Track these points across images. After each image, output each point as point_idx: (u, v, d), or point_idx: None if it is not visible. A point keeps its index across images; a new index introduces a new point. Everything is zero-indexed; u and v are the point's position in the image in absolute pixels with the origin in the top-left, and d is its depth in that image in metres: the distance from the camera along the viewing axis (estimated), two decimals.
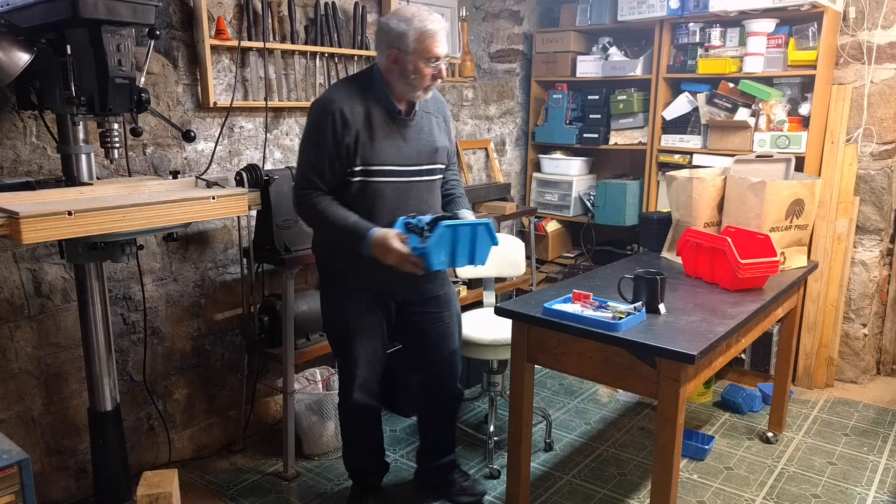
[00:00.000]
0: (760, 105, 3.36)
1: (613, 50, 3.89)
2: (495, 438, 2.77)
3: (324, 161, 2.03)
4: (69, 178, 2.02)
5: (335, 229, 2.05)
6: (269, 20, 2.79)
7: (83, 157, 2.02)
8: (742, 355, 3.45)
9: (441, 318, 2.31)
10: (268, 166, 2.86)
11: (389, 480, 2.66)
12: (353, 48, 3.11)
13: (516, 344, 2.21)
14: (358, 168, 2.04)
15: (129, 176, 2.39)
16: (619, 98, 3.82)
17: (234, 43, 2.67)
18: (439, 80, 2.08)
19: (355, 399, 2.27)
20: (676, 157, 3.65)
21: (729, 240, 2.39)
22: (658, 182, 3.74)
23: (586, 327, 1.97)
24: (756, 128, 3.38)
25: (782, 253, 2.62)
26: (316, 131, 2.03)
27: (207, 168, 2.67)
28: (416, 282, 2.17)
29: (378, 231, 2.00)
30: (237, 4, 2.73)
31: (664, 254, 2.93)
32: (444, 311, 2.32)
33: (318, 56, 3.00)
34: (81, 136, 1.99)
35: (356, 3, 3.11)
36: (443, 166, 2.23)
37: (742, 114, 3.39)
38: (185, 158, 2.64)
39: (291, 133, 3.01)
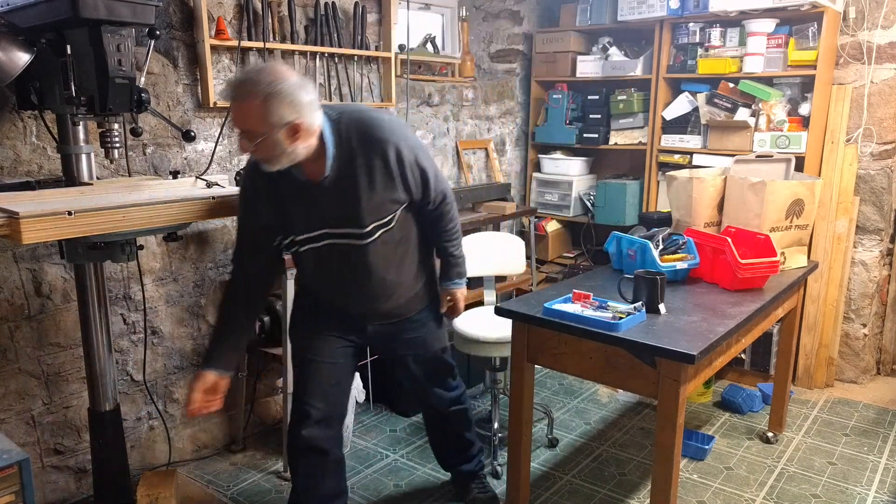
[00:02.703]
0: (760, 105, 3.36)
1: (613, 50, 3.89)
2: (499, 436, 2.77)
3: (241, 229, 1.98)
4: (69, 178, 2.02)
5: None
6: (269, 20, 2.79)
7: (83, 157, 2.02)
8: (742, 355, 3.44)
9: (422, 344, 2.18)
10: None
11: (390, 480, 2.66)
12: (353, 48, 3.11)
13: (516, 344, 2.21)
14: (286, 240, 1.95)
15: (129, 176, 2.40)
16: (619, 98, 3.82)
17: (234, 43, 2.67)
18: (249, 153, 1.78)
19: (305, 431, 2.06)
20: (676, 157, 3.65)
21: (729, 240, 2.39)
22: (658, 182, 3.74)
23: (586, 327, 1.97)
24: (756, 128, 3.38)
25: (782, 253, 2.62)
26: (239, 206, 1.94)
27: (207, 168, 2.67)
28: (388, 312, 2.07)
29: (205, 369, 1.92)
30: (237, 4, 2.73)
31: None
32: (417, 332, 2.16)
33: (318, 56, 3.00)
34: (81, 136, 1.99)
35: (356, 3, 3.11)
36: (382, 221, 1.91)
37: (742, 114, 3.39)
38: (185, 158, 2.64)
39: None
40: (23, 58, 1.82)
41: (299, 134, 1.70)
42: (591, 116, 3.99)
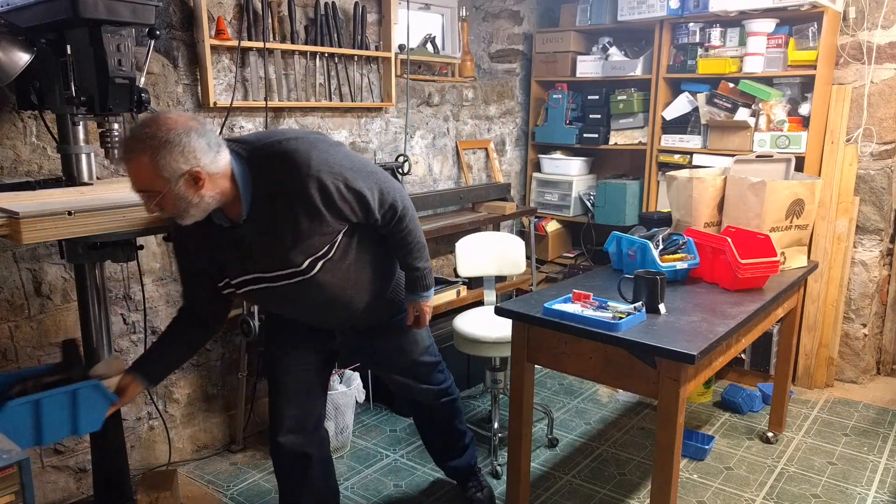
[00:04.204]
0: (760, 105, 3.36)
1: (613, 50, 3.89)
2: (499, 436, 2.77)
3: (181, 271, 1.93)
4: (69, 178, 2.02)
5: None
6: (269, 20, 2.79)
7: (83, 157, 2.02)
8: (742, 355, 3.45)
9: (393, 348, 2.15)
10: None
11: (390, 480, 2.66)
12: (353, 48, 3.11)
13: (516, 344, 2.21)
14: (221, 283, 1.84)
15: None
16: (619, 98, 3.82)
17: (234, 43, 2.67)
18: (155, 212, 1.62)
19: (283, 437, 2.04)
20: (676, 157, 3.65)
21: (729, 240, 2.39)
22: (658, 182, 3.74)
23: (586, 327, 1.97)
24: (756, 128, 3.38)
25: (782, 253, 2.62)
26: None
27: None
28: (357, 324, 2.02)
29: (129, 371, 1.83)
30: (237, 4, 2.73)
31: None
32: (394, 338, 2.12)
33: (318, 56, 3.00)
34: (81, 136, 1.99)
35: (356, 3, 3.11)
36: (318, 255, 1.76)
37: (742, 114, 3.39)
38: None
39: None
40: (23, 58, 1.82)
41: (201, 181, 1.56)
42: (591, 116, 4.00)
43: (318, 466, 2.12)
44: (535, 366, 2.24)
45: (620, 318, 1.97)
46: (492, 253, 3.05)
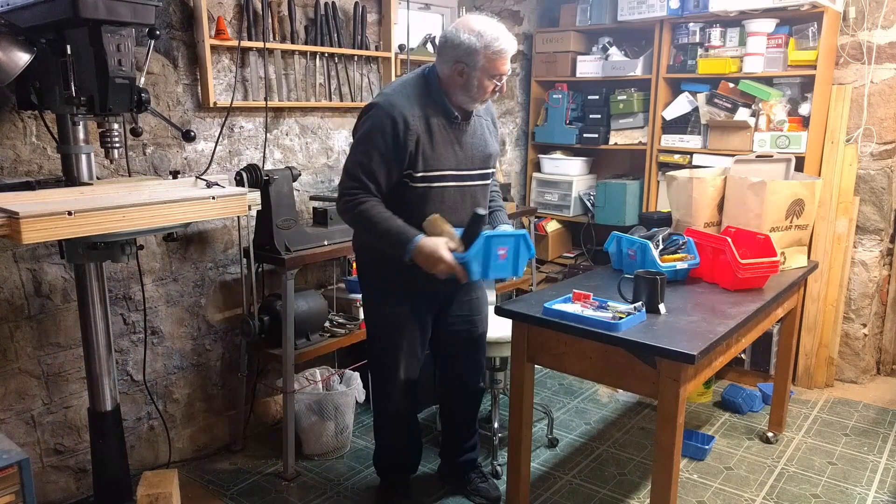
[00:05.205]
0: (760, 105, 3.36)
1: (613, 50, 3.89)
2: (499, 435, 2.77)
3: (380, 165, 2.00)
4: (69, 178, 2.02)
5: (378, 232, 2.01)
6: (269, 20, 2.79)
7: (83, 157, 2.02)
8: (742, 355, 3.45)
9: (472, 321, 2.36)
10: (268, 166, 2.86)
11: None
12: (353, 48, 3.11)
13: (516, 344, 2.21)
14: (419, 174, 2.03)
15: (129, 176, 2.39)
16: (619, 98, 3.82)
17: (234, 43, 2.67)
18: (497, 94, 2.08)
19: (396, 400, 2.30)
20: (676, 157, 3.65)
21: (729, 240, 2.39)
22: (658, 182, 3.74)
23: (586, 327, 1.97)
24: (756, 128, 3.38)
25: (782, 253, 2.62)
26: (375, 135, 1.99)
27: (207, 168, 2.67)
28: (456, 285, 2.17)
29: (423, 238, 1.98)
30: (237, 4, 2.73)
31: None
32: (476, 314, 2.37)
33: (318, 56, 3.00)
34: (81, 136, 1.99)
35: (356, 3, 3.11)
36: (493, 171, 2.24)
37: (742, 114, 3.39)
38: (185, 158, 2.64)
39: (291, 133, 3.01)
40: (23, 58, 1.82)
41: None
42: (591, 116, 3.99)
43: (415, 416, 2.52)
44: (535, 366, 2.24)
45: (620, 318, 1.97)
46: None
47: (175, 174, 2.32)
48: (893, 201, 3.44)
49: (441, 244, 1.96)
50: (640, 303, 2.08)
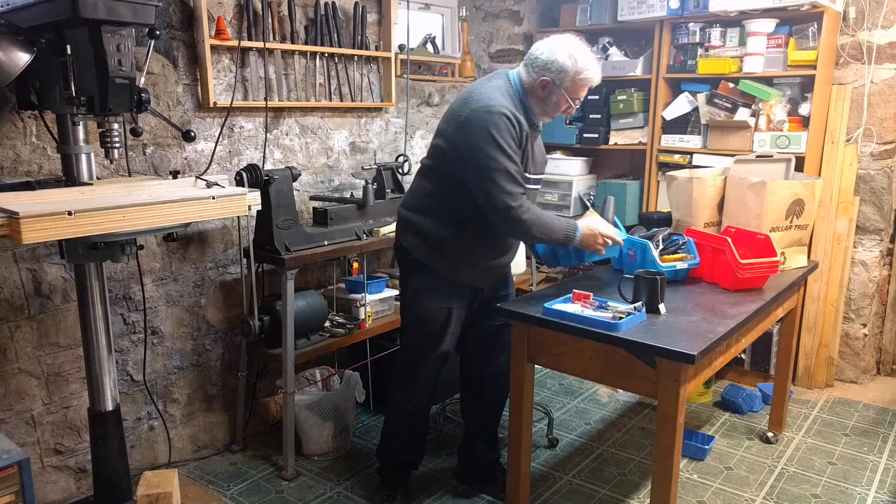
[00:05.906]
0: (760, 105, 3.36)
1: (613, 50, 3.89)
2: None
3: (520, 166, 2.09)
4: (69, 178, 2.02)
5: (549, 229, 2.14)
6: (269, 20, 2.79)
7: (83, 157, 2.02)
8: (742, 355, 3.44)
9: (508, 298, 2.46)
10: (268, 166, 2.86)
11: None
12: (353, 48, 3.11)
13: (516, 344, 2.21)
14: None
15: (129, 176, 2.40)
16: (619, 98, 3.81)
17: (234, 43, 2.67)
18: (565, 114, 2.22)
19: (421, 393, 2.38)
20: (676, 157, 3.65)
21: (729, 240, 2.39)
22: (658, 182, 3.74)
23: (586, 327, 1.97)
24: (756, 128, 3.38)
25: (782, 253, 2.62)
26: (505, 138, 2.05)
27: (207, 168, 2.67)
28: (500, 281, 2.37)
29: (582, 223, 2.20)
30: (237, 4, 2.73)
31: None
32: (509, 289, 2.48)
33: (318, 56, 3.00)
34: (81, 136, 1.99)
35: (356, 3, 3.11)
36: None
37: (742, 114, 3.39)
38: (185, 158, 2.64)
39: (291, 133, 3.01)
40: (23, 58, 1.82)
41: None
42: (591, 116, 3.99)
43: (429, 411, 2.55)
44: (535, 366, 2.24)
45: (620, 318, 1.97)
46: None
47: (175, 174, 2.32)
48: (893, 201, 3.44)
49: (601, 222, 2.24)
50: (640, 303, 2.08)
